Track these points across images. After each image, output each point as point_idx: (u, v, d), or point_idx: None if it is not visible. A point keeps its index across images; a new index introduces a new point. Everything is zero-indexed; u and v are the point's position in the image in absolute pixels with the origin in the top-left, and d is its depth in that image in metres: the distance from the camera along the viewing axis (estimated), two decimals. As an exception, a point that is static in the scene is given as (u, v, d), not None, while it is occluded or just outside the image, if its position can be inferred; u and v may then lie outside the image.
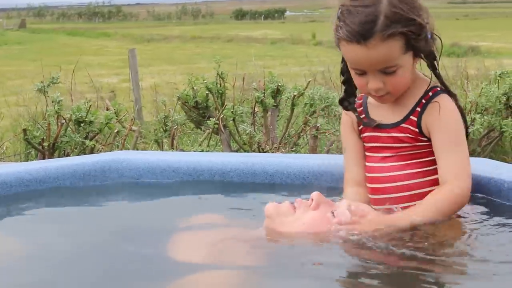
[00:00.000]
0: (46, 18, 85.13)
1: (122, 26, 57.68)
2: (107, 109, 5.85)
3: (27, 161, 5.54)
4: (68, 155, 5.06)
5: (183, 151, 5.05)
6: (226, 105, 5.38)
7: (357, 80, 2.29)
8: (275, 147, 5.21)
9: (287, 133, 5.48)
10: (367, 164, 2.44)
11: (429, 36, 2.22)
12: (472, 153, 5.48)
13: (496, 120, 5.36)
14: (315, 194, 2.25)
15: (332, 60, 15.83)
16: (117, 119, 5.42)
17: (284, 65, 19.47)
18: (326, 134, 5.54)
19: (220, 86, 5.59)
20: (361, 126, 2.44)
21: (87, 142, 5.01)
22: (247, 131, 5.43)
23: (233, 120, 5.36)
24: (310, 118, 5.25)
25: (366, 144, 2.44)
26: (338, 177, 2.77)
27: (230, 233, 2.31)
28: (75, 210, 2.81)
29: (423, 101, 2.30)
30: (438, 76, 2.33)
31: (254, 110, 5.56)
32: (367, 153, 2.45)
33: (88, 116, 5.07)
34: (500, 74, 5.61)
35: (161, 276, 2.02)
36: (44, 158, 4.96)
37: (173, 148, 5.34)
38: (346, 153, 2.51)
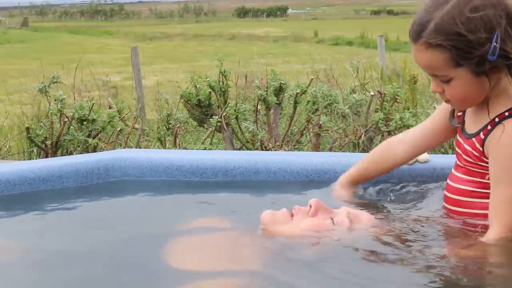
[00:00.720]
0: (49, 16, 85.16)
1: (124, 24, 57.68)
2: (110, 107, 5.85)
3: (30, 159, 5.54)
4: (71, 153, 5.06)
5: (186, 149, 5.05)
6: (228, 103, 5.38)
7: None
8: (277, 145, 5.21)
9: (289, 131, 5.47)
10: (452, 170, 2.40)
11: (492, 58, 2.04)
12: None
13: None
14: (313, 201, 2.22)
15: (334, 57, 15.82)
16: (120, 117, 5.42)
17: (287, 63, 19.46)
18: (329, 131, 5.54)
19: (223, 84, 5.58)
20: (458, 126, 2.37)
21: (90, 140, 5.01)
22: (250, 129, 5.43)
23: (236, 118, 5.36)
24: (312, 115, 5.25)
25: (456, 148, 2.37)
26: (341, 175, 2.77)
27: (229, 237, 2.29)
28: (76, 209, 2.81)
29: (496, 119, 2.17)
30: None
31: (256, 108, 5.55)
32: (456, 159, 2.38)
33: (91, 114, 5.07)
34: None
35: (156, 283, 2.01)
36: (47, 157, 4.96)
37: (175, 146, 5.33)
38: (423, 122, 2.52)
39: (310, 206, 2.21)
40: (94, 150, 5.03)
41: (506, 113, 2.15)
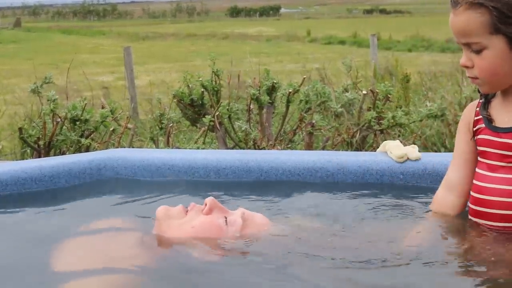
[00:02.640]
0: (41, 16, 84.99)
1: (117, 24, 57.59)
2: (103, 107, 5.84)
3: (23, 159, 5.53)
4: (64, 153, 5.05)
5: (179, 148, 5.05)
6: (221, 103, 5.38)
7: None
8: (270, 144, 5.21)
9: (282, 130, 5.48)
10: (476, 170, 2.22)
11: None
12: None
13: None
14: (209, 199, 2.24)
15: (327, 56, 15.83)
16: (112, 117, 5.41)
17: (279, 62, 19.45)
18: (322, 130, 5.54)
19: (216, 83, 5.58)
20: (476, 127, 2.22)
21: (82, 140, 5.00)
22: (243, 128, 5.43)
23: (229, 117, 5.35)
24: (305, 114, 5.25)
25: (478, 148, 2.21)
26: (333, 173, 2.78)
27: (119, 238, 2.29)
28: (68, 207, 2.80)
29: None
30: None
31: (249, 107, 5.55)
32: (478, 158, 2.22)
33: (83, 114, 5.06)
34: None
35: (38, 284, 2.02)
36: (39, 157, 4.95)
37: (168, 146, 5.33)
38: (454, 151, 2.33)
39: (206, 204, 2.23)
40: (87, 150, 5.02)
41: None
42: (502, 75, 2.05)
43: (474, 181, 2.21)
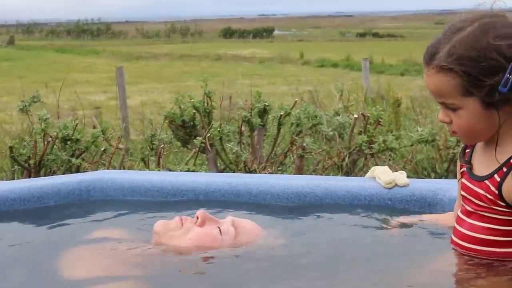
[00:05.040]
0: (35, 35, 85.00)
1: (111, 44, 57.68)
2: (94, 127, 5.84)
3: (13, 178, 5.51)
4: (54, 172, 5.04)
5: (170, 170, 5.05)
6: (212, 124, 5.39)
7: None
8: (261, 167, 5.22)
9: (273, 152, 5.49)
10: (458, 213, 2.26)
11: (503, 89, 1.95)
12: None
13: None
14: (200, 212, 2.38)
15: (319, 79, 15.88)
16: (103, 137, 5.41)
17: (272, 84, 19.51)
18: (313, 153, 5.55)
19: (207, 105, 5.59)
20: (462, 169, 2.24)
21: (73, 160, 5.00)
22: (234, 150, 5.44)
23: (220, 139, 5.36)
24: (296, 137, 5.27)
25: (461, 191, 2.24)
26: (322, 198, 2.79)
27: (121, 248, 2.38)
28: (55, 228, 2.79)
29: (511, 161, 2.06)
30: None
31: (240, 129, 5.57)
32: (461, 201, 2.25)
33: (74, 134, 5.06)
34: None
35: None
36: (30, 176, 4.94)
37: (159, 167, 5.33)
38: (458, 201, 2.35)
39: (197, 217, 2.37)
40: (78, 170, 5.02)
41: None
42: (479, 131, 2.08)
43: (454, 223, 2.25)
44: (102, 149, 5.35)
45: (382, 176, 2.84)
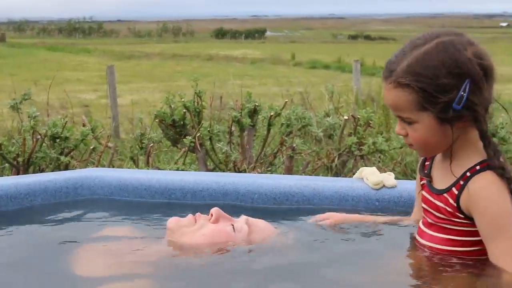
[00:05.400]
0: (26, 32, 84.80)
1: (102, 43, 57.58)
2: (84, 125, 5.83)
3: (1, 176, 5.49)
4: (43, 170, 5.02)
5: (159, 169, 5.04)
6: (202, 124, 5.38)
7: None
8: (251, 167, 5.21)
9: (263, 152, 5.48)
10: (419, 224, 2.33)
11: (457, 107, 2.03)
12: None
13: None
14: (214, 210, 2.39)
15: (310, 81, 15.90)
16: (93, 136, 5.39)
17: (263, 85, 19.52)
18: (302, 154, 5.55)
19: (198, 104, 5.58)
20: (422, 182, 2.32)
21: (62, 158, 4.98)
22: (224, 150, 5.43)
23: (210, 139, 5.36)
24: (286, 138, 5.27)
25: (422, 203, 2.31)
26: (309, 198, 2.78)
27: (133, 246, 2.38)
28: (41, 226, 2.78)
29: (468, 174, 2.12)
30: (486, 147, 2.11)
31: (230, 129, 5.56)
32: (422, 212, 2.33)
33: (64, 132, 5.04)
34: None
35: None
36: (18, 174, 4.92)
37: (148, 166, 5.32)
38: (416, 194, 2.46)
39: (212, 214, 2.38)
40: (66, 168, 5.00)
41: (478, 167, 2.11)
42: (434, 145, 2.15)
43: (416, 234, 2.33)
44: (92, 147, 5.33)
45: (370, 177, 2.84)
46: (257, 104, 5.44)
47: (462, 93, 2.02)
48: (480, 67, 2.05)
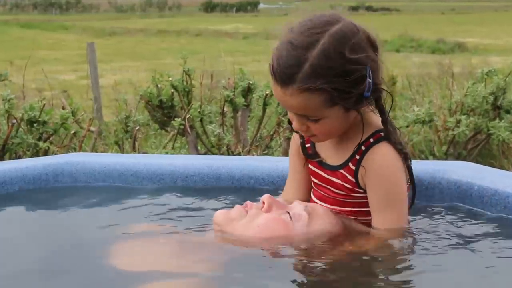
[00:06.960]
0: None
1: (81, 19, 57.37)
2: (63, 108, 5.81)
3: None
4: (20, 157, 5.01)
5: (146, 153, 5.04)
6: (192, 104, 5.37)
7: (289, 113, 2.28)
8: (246, 150, 5.21)
9: (258, 134, 5.48)
10: (312, 197, 2.45)
11: (368, 94, 2.14)
12: (458, 157, 5.55)
13: (483, 122, 5.41)
14: (266, 197, 2.29)
15: (309, 56, 15.87)
16: (74, 119, 5.39)
17: (257, 62, 19.47)
18: (301, 135, 5.55)
19: (187, 84, 5.57)
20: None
21: (40, 144, 4.97)
22: (216, 133, 5.43)
23: (201, 120, 5.35)
24: (283, 118, 5.26)
25: (311, 177, 2.43)
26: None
27: (173, 240, 2.32)
28: (20, 216, 2.77)
29: (363, 148, 2.25)
30: (384, 122, 2.25)
31: (223, 110, 5.55)
32: (312, 186, 2.45)
33: (42, 116, 5.03)
34: (487, 73, 5.67)
35: (106, 285, 2.03)
36: (-7, 161, 4.92)
37: (134, 151, 5.31)
38: (289, 173, 2.54)
39: (263, 202, 2.27)
40: (45, 154, 5.00)
41: (371, 139, 2.24)
42: (338, 131, 2.27)
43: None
44: (72, 132, 5.32)
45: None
46: (251, 82, 5.43)
47: (369, 79, 2.12)
48: (370, 44, 2.16)
